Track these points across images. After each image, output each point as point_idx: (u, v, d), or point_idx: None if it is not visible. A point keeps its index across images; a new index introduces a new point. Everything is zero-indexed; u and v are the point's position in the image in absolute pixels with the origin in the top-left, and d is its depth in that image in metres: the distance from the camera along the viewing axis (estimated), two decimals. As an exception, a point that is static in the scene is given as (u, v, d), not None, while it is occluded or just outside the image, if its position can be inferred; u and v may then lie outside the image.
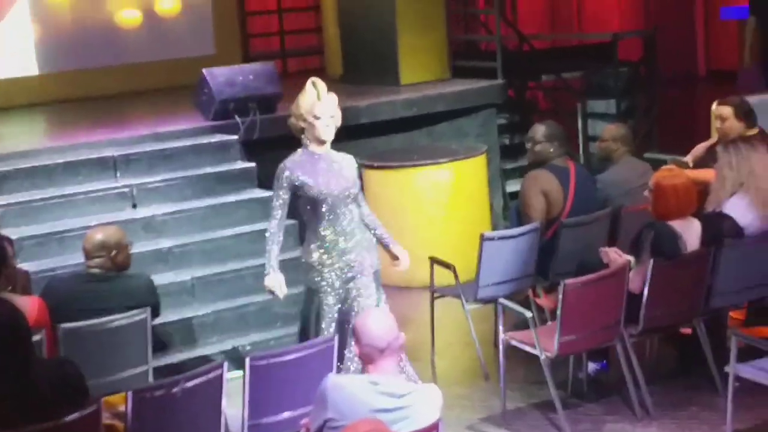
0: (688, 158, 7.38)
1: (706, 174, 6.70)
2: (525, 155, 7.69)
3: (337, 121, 5.62)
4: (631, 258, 5.84)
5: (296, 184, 5.53)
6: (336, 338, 4.97)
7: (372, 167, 8.59)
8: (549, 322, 6.16)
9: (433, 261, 6.88)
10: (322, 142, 5.58)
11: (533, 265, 6.61)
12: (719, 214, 6.22)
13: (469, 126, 9.59)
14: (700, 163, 7.17)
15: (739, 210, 6.21)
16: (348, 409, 3.76)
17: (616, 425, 5.79)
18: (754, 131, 6.98)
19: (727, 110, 7.03)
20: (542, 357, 5.67)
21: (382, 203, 8.55)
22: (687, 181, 5.99)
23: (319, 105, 5.49)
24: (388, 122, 9.21)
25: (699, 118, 11.63)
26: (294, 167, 5.56)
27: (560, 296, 5.59)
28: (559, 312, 5.60)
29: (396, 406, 3.74)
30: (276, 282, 5.61)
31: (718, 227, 6.11)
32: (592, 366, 6.28)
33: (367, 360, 3.92)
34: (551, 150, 6.90)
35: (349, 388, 3.84)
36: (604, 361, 6.26)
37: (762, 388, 5.18)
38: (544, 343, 5.70)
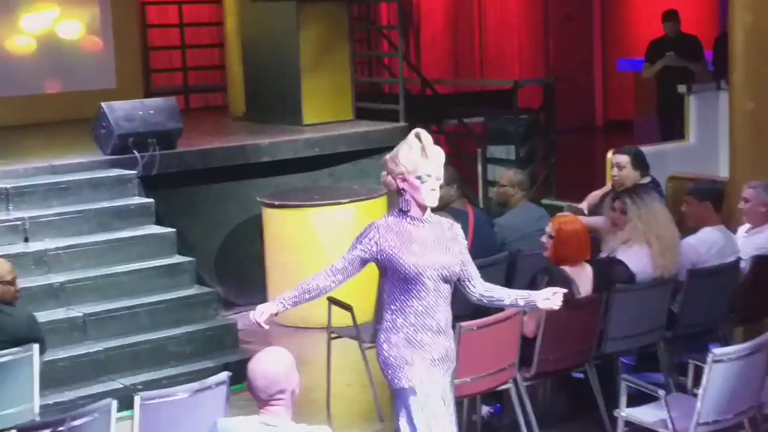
0: (583, 205, 7.52)
1: (598, 221, 6.86)
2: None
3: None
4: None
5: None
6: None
7: (272, 206, 8.56)
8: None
9: (331, 301, 6.85)
10: (424, 208, 4.66)
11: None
12: (611, 260, 6.34)
13: (371, 167, 9.58)
14: (594, 210, 7.31)
15: (633, 256, 6.33)
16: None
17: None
18: (647, 179, 7.16)
19: (624, 159, 7.19)
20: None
21: (281, 242, 8.55)
22: (584, 228, 6.10)
23: (425, 163, 4.57)
24: (290, 161, 9.17)
25: (596, 166, 11.86)
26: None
27: (456, 339, 5.62)
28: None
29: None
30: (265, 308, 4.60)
31: (610, 273, 6.23)
32: (486, 409, 6.31)
33: (259, 401, 3.87)
34: (452, 193, 6.97)
35: (241, 430, 3.79)
36: (498, 405, 6.29)
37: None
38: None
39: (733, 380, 5.03)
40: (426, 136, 4.56)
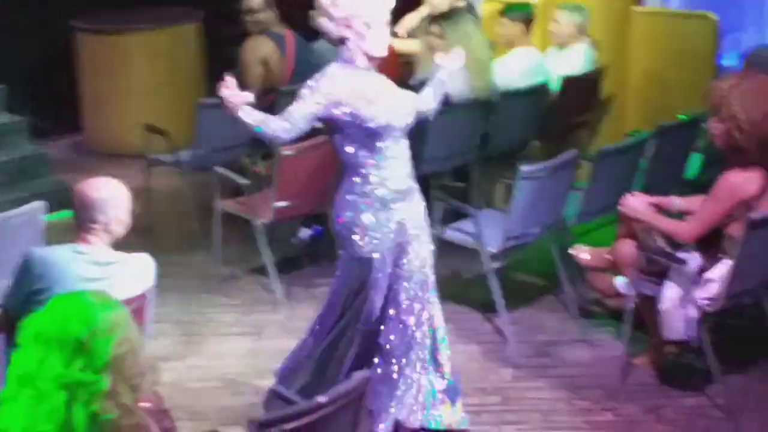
0: (399, 29, 7.52)
1: (413, 44, 6.91)
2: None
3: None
4: None
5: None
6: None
7: (86, 31, 8.29)
8: (265, 189, 6.23)
9: (147, 128, 6.77)
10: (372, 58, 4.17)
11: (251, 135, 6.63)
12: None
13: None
14: (411, 34, 7.33)
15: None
16: (56, 279, 3.70)
17: (327, 284, 5.99)
18: (461, 3, 7.20)
19: None
20: (257, 223, 5.76)
21: (95, 69, 8.31)
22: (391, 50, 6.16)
23: (373, 7, 4.08)
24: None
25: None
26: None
27: (276, 163, 5.67)
28: (274, 179, 5.69)
29: (103, 275, 3.71)
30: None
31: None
32: (307, 232, 6.44)
33: (81, 228, 3.83)
34: (272, 17, 6.91)
35: (54, 257, 3.76)
36: (321, 228, 6.41)
37: (459, 247, 5.47)
38: (259, 210, 5.79)
39: (538, 196, 5.26)
40: None
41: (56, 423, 2.55)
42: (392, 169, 4.18)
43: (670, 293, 4.67)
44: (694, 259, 4.70)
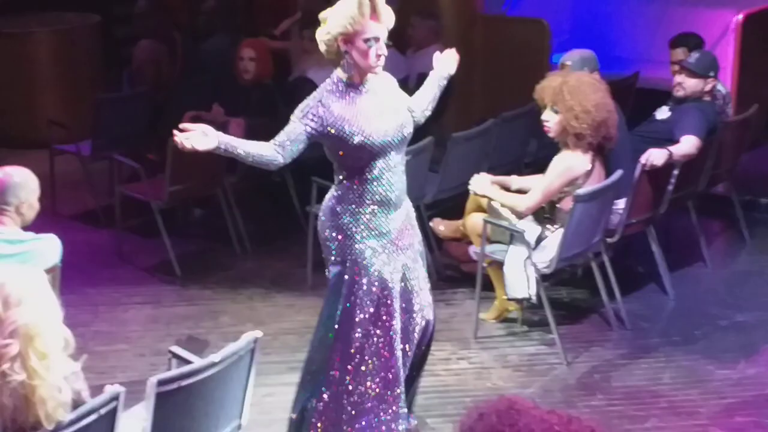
0: (277, 31, 7.50)
1: (285, 45, 6.95)
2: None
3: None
4: None
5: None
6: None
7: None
8: (159, 175, 6.15)
9: (51, 122, 6.63)
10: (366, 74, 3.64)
11: (146, 123, 6.54)
12: (303, 79, 6.47)
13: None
14: (284, 36, 7.34)
15: (324, 75, 6.46)
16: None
17: (218, 257, 6.00)
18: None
19: None
20: (154, 205, 5.69)
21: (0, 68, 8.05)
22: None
23: (375, 24, 3.50)
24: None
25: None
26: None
27: (168, 151, 5.60)
28: (168, 165, 5.62)
29: (16, 252, 3.64)
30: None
31: (299, 89, 6.37)
32: (198, 211, 6.39)
33: None
34: (162, 21, 6.83)
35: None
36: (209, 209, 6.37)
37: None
38: (155, 193, 5.72)
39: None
40: None
41: None
42: (387, 180, 3.65)
43: (512, 258, 4.78)
44: (532, 229, 4.84)
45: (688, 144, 5.15)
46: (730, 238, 6.01)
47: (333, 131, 3.54)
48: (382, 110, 3.62)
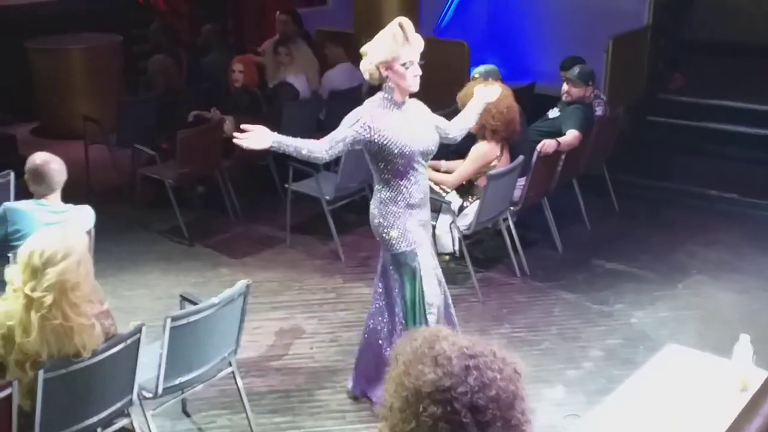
0: (261, 49, 7.42)
1: (265, 60, 6.91)
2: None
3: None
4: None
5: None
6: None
7: (37, 50, 7.79)
8: (171, 160, 6.07)
9: (86, 118, 6.50)
10: (406, 93, 3.41)
11: (159, 120, 6.42)
12: (282, 83, 6.42)
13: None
14: (263, 53, 7.26)
15: (296, 81, 6.45)
16: (25, 224, 3.54)
17: (217, 223, 5.93)
18: (302, 31, 7.17)
19: (284, 17, 7.12)
20: (167, 182, 5.61)
21: (45, 77, 7.86)
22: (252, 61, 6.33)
23: (408, 50, 3.30)
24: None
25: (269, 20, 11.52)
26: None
27: (177, 142, 5.53)
28: (177, 153, 5.55)
29: (59, 220, 3.58)
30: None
31: (282, 91, 6.34)
32: (201, 188, 6.32)
33: (38, 192, 3.66)
34: (169, 40, 6.70)
35: (23, 208, 3.59)
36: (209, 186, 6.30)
37: (308, 197, 5.47)
38: (168, 174, 5.64)
39: (359, 162, 5.28)
40: (408, 24, 3.31)
41: (18, 319, 2.57)
42: (416, 185, 3.43)
43: (442, 222, 4.80)
44: (456, 200, 4.87)
45: (571, 136, 5.21)
46: (603, 207, 6.10)
47: (378, 140, 3.30)
48: (418, 126, 3.40)
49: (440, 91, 4.54)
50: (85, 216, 3.77)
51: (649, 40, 7.40)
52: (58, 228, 2.92)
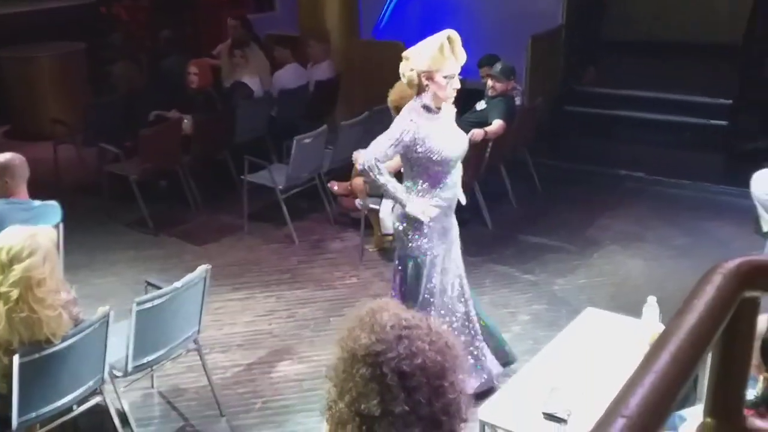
0: (216, 52, 7.28)
1: (220, 62, 6.79)
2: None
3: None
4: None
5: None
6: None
7: (9, 58, 7.49)
8: (134, 157, 5.93)
9: (53, 120, 6.32)
10: (442, 102, 3.19)
11: (122, 121, 6.26)
12: (238, 83, 6.33)
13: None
14: (217, 56, 7.14)
15: (249, 81, 6.36)
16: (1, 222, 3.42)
17: (179, 214, 5.82)
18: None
19: (234, 22, 7.01)
20: (132, 178, 5.49)
21: (15, 83, 7.58)
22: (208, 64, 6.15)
23: (453, 64, 3.09)
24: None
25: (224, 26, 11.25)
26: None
27: (139, 140, 5.41)
28: (140, 150, 5.43)
29: (30, 217, 3.46)
30: (421, 206, 3.20)
31: (238, 90, 6.25)
32: (163, 182, 6.19)
33: (11, 187, 3.53)
34: (133, 46, 6.55)
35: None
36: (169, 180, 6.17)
37: (262, 187, 5.42)
38: (132, 170, 5.52)
39: (306, 154, 5.28)
40: (456, 38, 3.08)
41: None
42: (447, 190, 3.24)
43: (385, 206, 4.81)
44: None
45: (497, 126, 5.26)
46: (526, 188, 6.17)
47: (419, 145, 3.09)
48: (452, 132, 3.19)
49: (381, 87, 4.53)
50: (52, 211, 3.66)
51: (563, 38, 7.50)
52: (26, 225, 2.84)
